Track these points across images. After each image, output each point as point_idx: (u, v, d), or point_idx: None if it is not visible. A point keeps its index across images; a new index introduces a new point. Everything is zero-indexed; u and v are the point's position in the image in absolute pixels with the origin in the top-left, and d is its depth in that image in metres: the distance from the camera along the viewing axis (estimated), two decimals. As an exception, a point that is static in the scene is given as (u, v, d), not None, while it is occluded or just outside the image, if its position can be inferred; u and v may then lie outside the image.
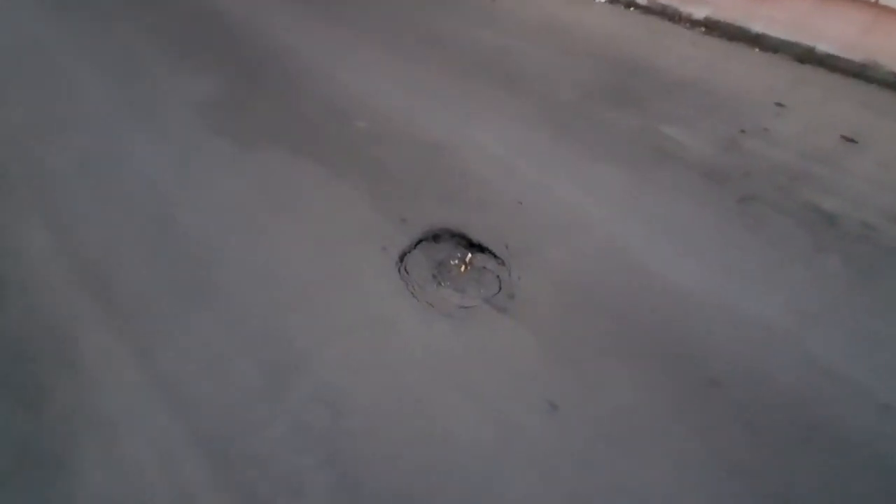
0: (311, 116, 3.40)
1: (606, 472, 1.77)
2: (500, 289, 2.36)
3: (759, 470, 1.79)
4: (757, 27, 4.66)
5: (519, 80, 3.95)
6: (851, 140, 3.49)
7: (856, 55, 4.24)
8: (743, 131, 3.48)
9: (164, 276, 2.33)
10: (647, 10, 5.18)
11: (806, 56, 4.41)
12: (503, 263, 2.47)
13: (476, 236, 2.58)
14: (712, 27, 4.85)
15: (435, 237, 2.59)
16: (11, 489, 1.66)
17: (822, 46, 4.37)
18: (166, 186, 2.78)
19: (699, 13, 4.93)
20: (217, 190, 2.79)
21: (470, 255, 2.54)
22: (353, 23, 4.60)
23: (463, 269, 2.48)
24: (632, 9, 5.24)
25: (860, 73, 4.18)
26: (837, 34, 4.51)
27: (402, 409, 1.90)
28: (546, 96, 3.77)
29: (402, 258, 2.47)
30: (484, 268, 2.48)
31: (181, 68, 3.78)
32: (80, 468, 1.72)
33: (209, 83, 3.61)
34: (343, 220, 2.65)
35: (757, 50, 4.62)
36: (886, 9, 4.71)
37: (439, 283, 2.39)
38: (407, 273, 2.41)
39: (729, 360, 2.09)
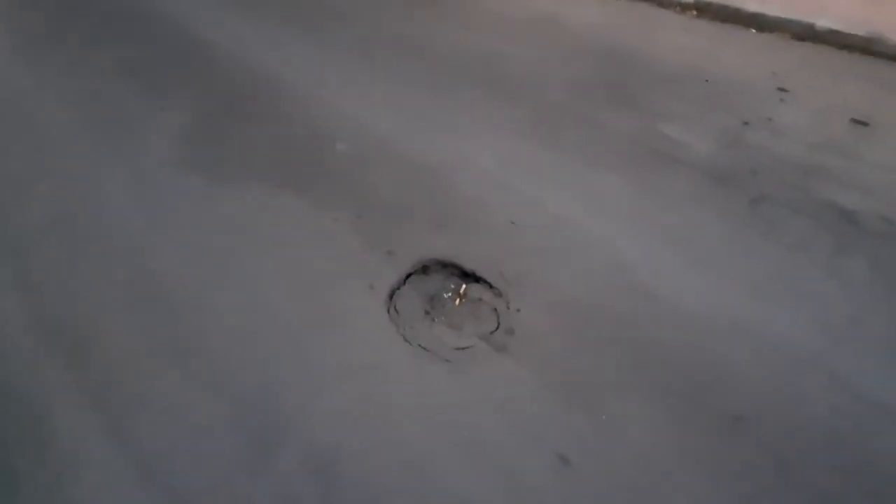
0: (290, 143, 3.22)
1: (627, 532, 1.60)
2: (499, 324, 2.18)
3: (795, 517, 1.62)
4: (752, 6, 4.44)
5: (506, 84, 3.75)
6: (862, 123, 3.28)
7: (860, 29, 4.01)
8: (746, 123, 3.28)
9: (139, 336, 2.17)
10: (634, -4, 4.97)
11: (806, 33, 4.19)
12: (500, 294, 2.30)
13: (469, 265, 2.41)
14: (704, 10, 4.63)
15: (424, 269, 2.42)
16: None
17: (823, 22, 4.15)
18: (141, 234, 2.62)
19: (690, -4, 4.70)
20: (194, 233, 2.62)
21: (464, 286, 2.36)
22: (335, 40, 4.40)
23: (457, 301, 2.31)
24: (619, -4, 5.02)
25: (865, 48, 3.96)
26: (839, 8, 4.28)
27: (397, 471, 1.74)
28: (536, 100, 3.57)
29: (391, 296, 2.30)
30: (480, 299, 2.31)
31: (155, 105, 3.60)
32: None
33: (185, 118, 3.44)
34: (326, 257, 2.48)
35: (753, 31, 4.40)
36: (888, -23, 4.48)
37: (432, 321, 2.22)
38: (397, 312, 2.24)
39: (752, 391, 1.91)
